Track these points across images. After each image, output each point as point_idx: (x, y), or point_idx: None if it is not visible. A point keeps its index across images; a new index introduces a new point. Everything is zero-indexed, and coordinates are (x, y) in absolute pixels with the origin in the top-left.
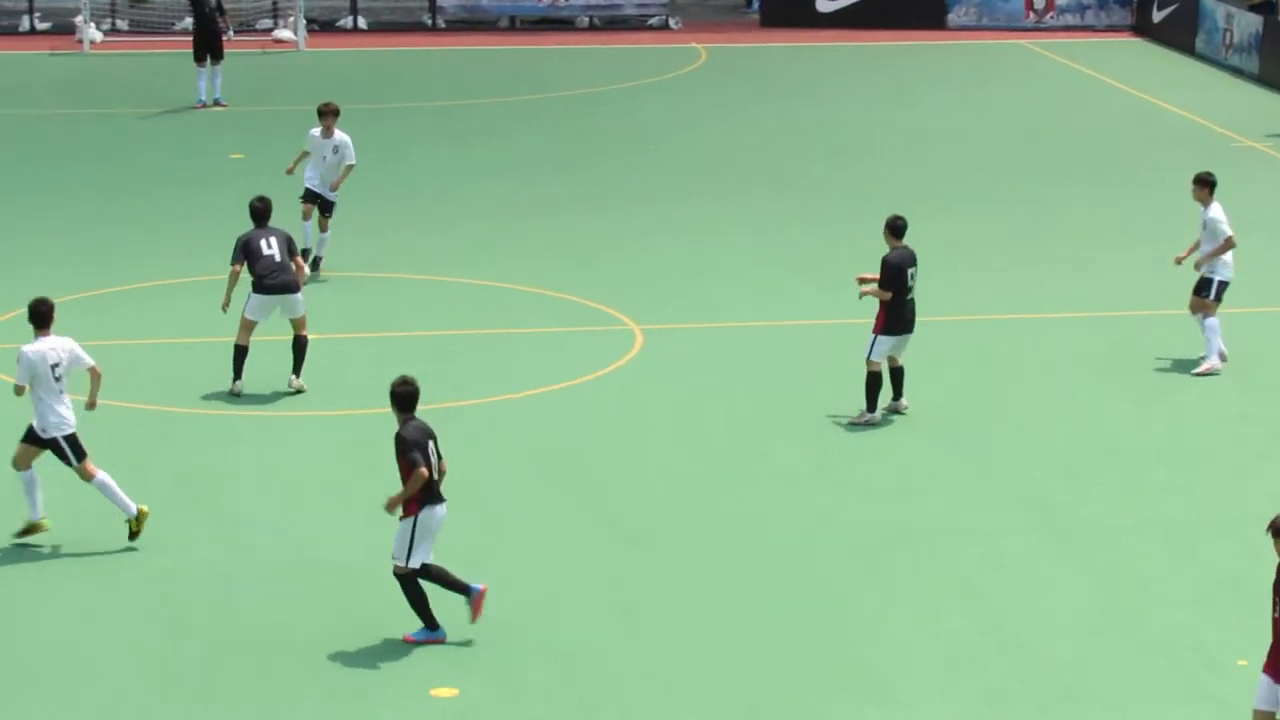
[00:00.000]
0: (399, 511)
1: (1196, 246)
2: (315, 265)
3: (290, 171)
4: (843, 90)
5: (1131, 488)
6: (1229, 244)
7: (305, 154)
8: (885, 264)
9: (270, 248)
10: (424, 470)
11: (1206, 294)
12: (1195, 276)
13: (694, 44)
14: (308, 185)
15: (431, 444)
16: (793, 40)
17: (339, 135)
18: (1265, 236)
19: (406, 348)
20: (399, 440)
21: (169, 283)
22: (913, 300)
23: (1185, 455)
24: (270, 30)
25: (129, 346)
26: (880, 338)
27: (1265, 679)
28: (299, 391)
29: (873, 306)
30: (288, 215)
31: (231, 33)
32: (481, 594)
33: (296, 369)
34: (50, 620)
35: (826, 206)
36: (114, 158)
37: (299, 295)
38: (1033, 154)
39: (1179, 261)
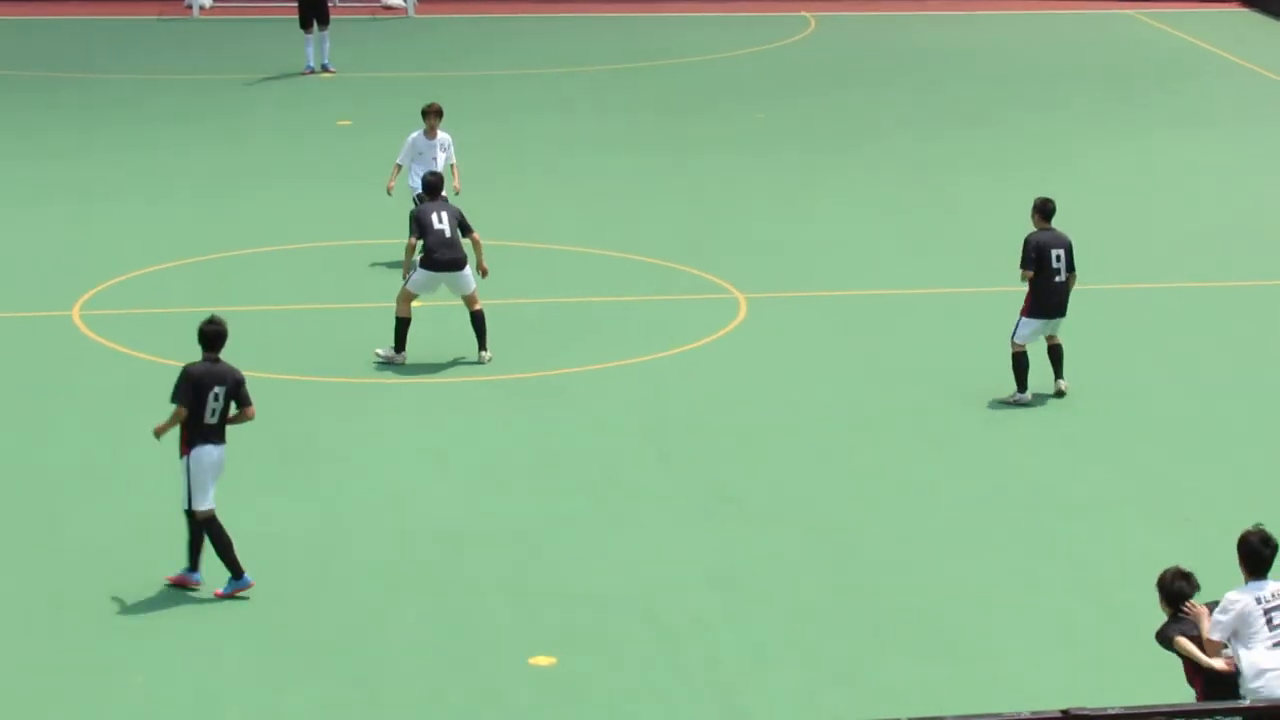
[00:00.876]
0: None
1: None
2: None
3: (390, 191)
4: (948, 59)
5: (1232, 462)
6: None
7: (398, 168)
8: (1025, 244)
9: (441, 222)
10: (181, 409)
11: None
12: None
13: (803, 12)
14: (418, 192)
15: (220, 388)
16: (900, 9)
17: (442, 135)
18: None
19: (512, 315)
20: (179, 375)
21: (275, 249)
22: (1061, 283)
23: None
24: None
25: (228, 313)
26: (1025, 319)
27: None
28: (488, 361)
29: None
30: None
31: None
32: (237, 589)
33: (482, 343)
34: (148, 588)
35: (933, 176)
36: (221, 124)
37: (465, 272)
38: (1141, 120)
39: None
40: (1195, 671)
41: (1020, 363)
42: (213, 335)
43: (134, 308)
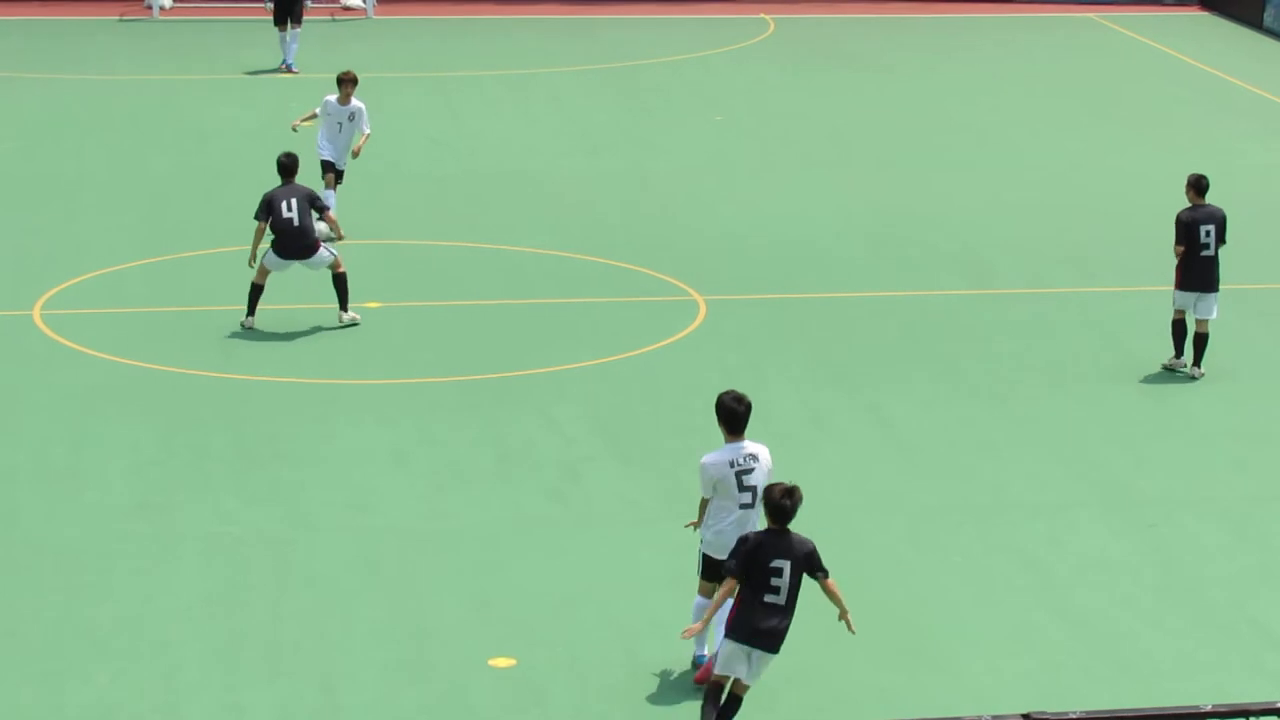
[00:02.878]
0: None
1: None
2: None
3: (295, 129)
4: (910, 62)
5: (1190, 461)
6: None
7: (313, 115)
8: (1176, 220)
9: (290, 210)
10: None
11: None
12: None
13: (763, 14)
14: (322, 156)
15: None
16: (860, 11)
17: (355, 103)
18: None
19: (472, 317)
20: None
21: (235, 249)
22: (1210, 258)
23: (1245, 430)
24: None
25: (188, 313)
26: (1177, 292)
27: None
28: (353, 324)
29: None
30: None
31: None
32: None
33: (343, 304)
34: (112, 588)
35: (894, 178)
36: (181, 124)
37: (319, 254)
38: (1099, 126)
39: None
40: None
41: (1178, 330)
42: (288, 164)
43: (94, 307)
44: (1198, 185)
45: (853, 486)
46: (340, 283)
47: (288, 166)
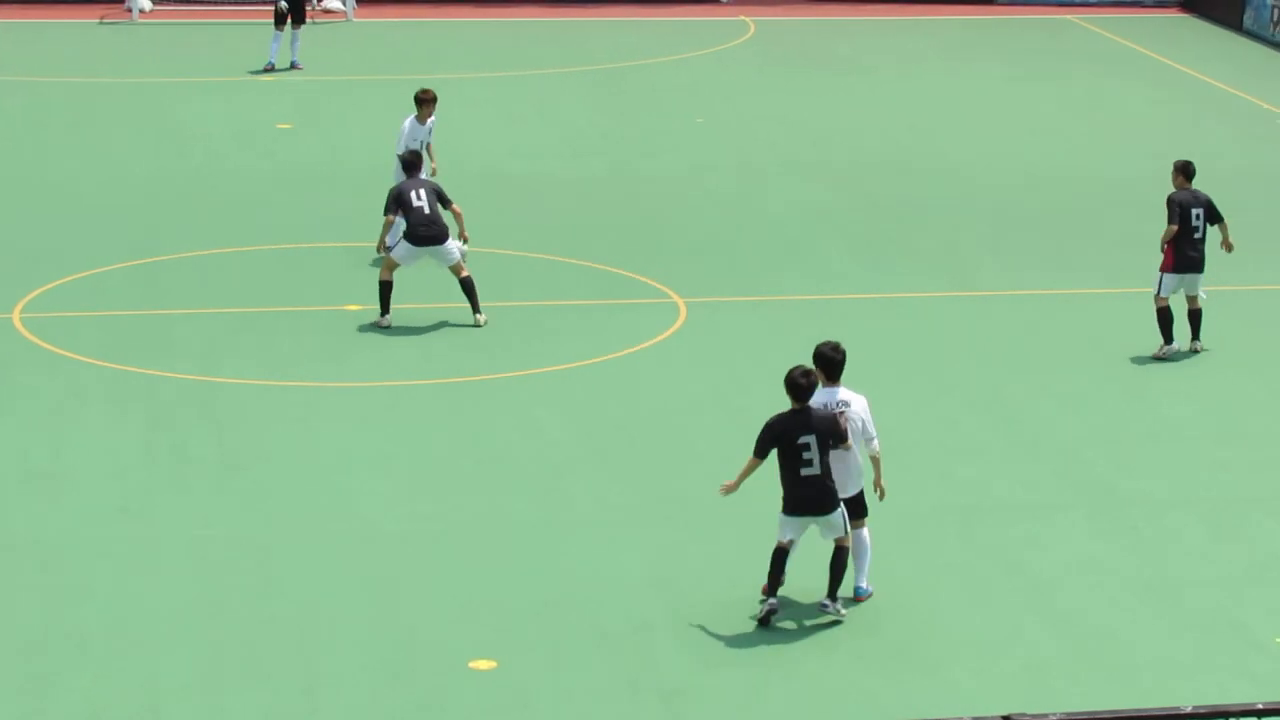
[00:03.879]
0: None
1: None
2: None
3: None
4: (890, 64)
5: (1173, 462)
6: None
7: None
8: (1170, 201)
9: (420, 199)
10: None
11: None
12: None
13: (743, 16)
14: None
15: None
16: (841, 14)
17: (434, 122)
18: None
19: (453, 320)
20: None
21: (217, 252)
22: (1199, 240)
23: (1227, 430)
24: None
25: (170, 316)
26: (1166, 276)
27: None
28: (481, 325)
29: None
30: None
31: (316, 2)
32: None
33: (475, 308)
34: (94, 591)
35: (871, 181)
36: (162, 126)
37: (448, 244)
38: (1081, 130)
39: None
40: None
41: (1164, 317)
42: (412, 160)
43: (75, 310)
44: (1185, 170)
45: None
46: (467, 287)
47: (412, 162)
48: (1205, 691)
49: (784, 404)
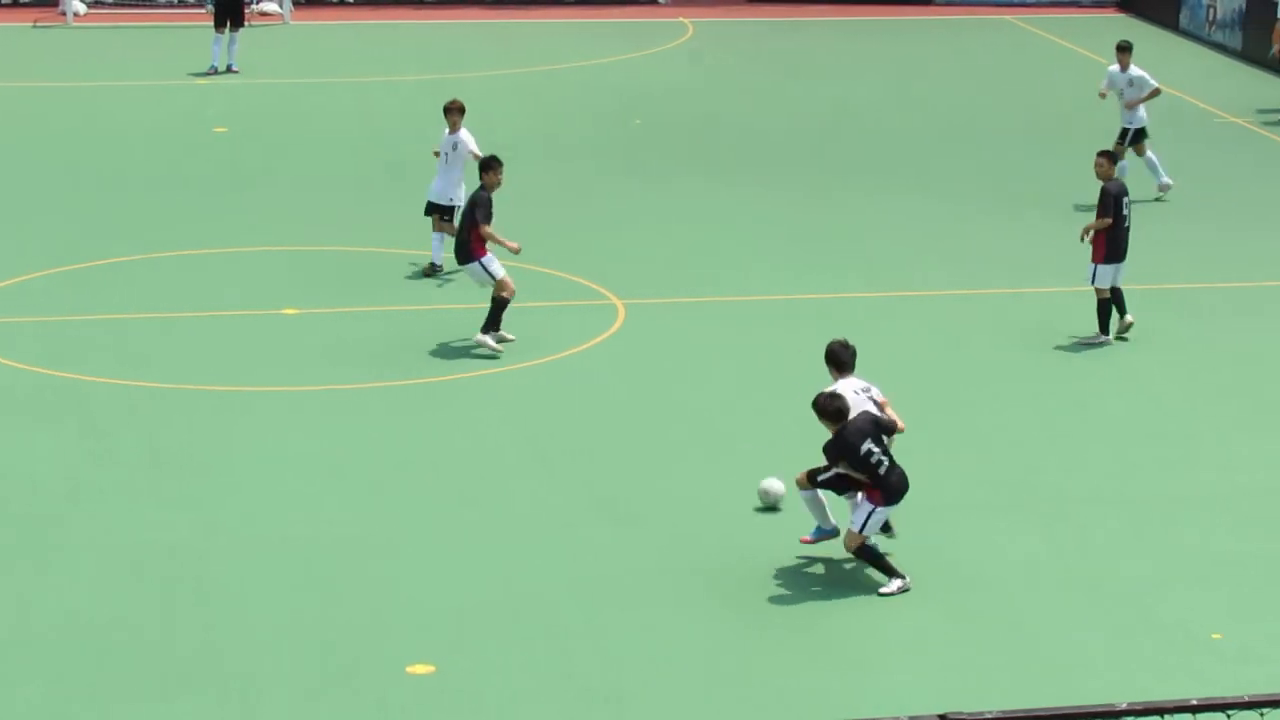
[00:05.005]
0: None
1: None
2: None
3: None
4: (829, 64)
5: (1110, 461)
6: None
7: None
8: (1105, 193)
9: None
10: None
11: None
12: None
13: (682, 18)
14: (428, 199)
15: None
16: (779, 15)
17: (461, 132)
18: (1246, 213)
19: (392, 323)
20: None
21: (154, 256)
22: (1128, 229)
23: (1164, 428)
24: (257, 2)
25: (104, 321)
26: (1103, 266)
27: None
28: (480, 345)
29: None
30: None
31: (252, 6)
32: None
33: (483, 326)
34: (24, 598)
35: (810, 180)
36: (98, 131)
37: (469, 266)
38: (1016, 129)
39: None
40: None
41: (1105, 308)
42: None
43: (7, 316)
44: (1114, 157)
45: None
46: (493, 304)
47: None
48: (1140, 688)
49: (719, 406)
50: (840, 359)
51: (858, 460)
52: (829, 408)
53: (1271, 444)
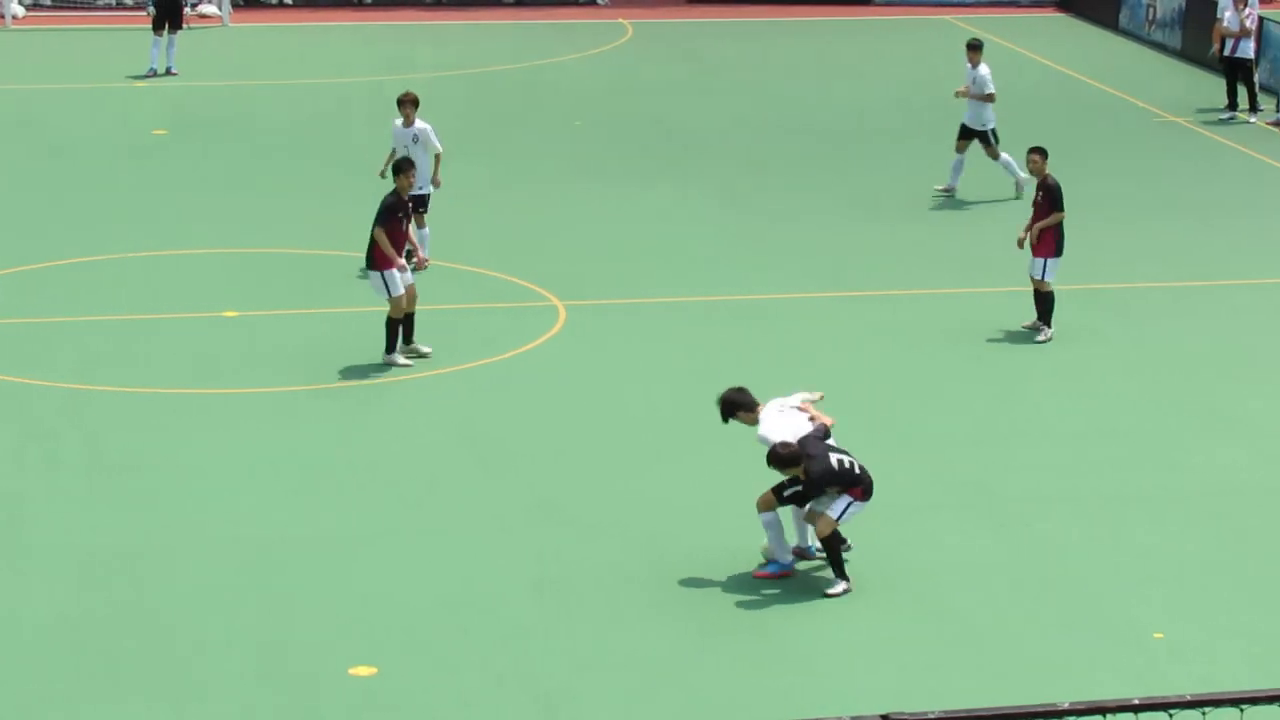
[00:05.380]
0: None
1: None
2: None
3: (382, 174)
4: (767, 66)
5: (1050, 461)
6: (991, 97)
7: (393, 152)
8: (1054, 188)
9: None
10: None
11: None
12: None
13: (621, 19)
14: None
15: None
16: (719, 16)
17: (419, 124)
18: (1186, 215)
19: (333, 325)
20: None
21: (93, 259)
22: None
23: (1103, 429)
24: (195, 4)
25: (42, 325)
26: (1052, 261)
27: None
28: (390, 364)
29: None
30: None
31: (190, 8)
32: None
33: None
34: None
35: (748, 180)
36: (37, 133)
37: (369, 275)
38: (954, 128)
39: (1020, 244)
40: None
41: (1049, 301)
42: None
43: None
44: (1045, 154)
45: (716, 489)
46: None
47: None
48: (1083, 688)
49: (660, 408)
50: (742, 400)
51: (837, 477)
52: (786, 455)
53: (1214, 445)
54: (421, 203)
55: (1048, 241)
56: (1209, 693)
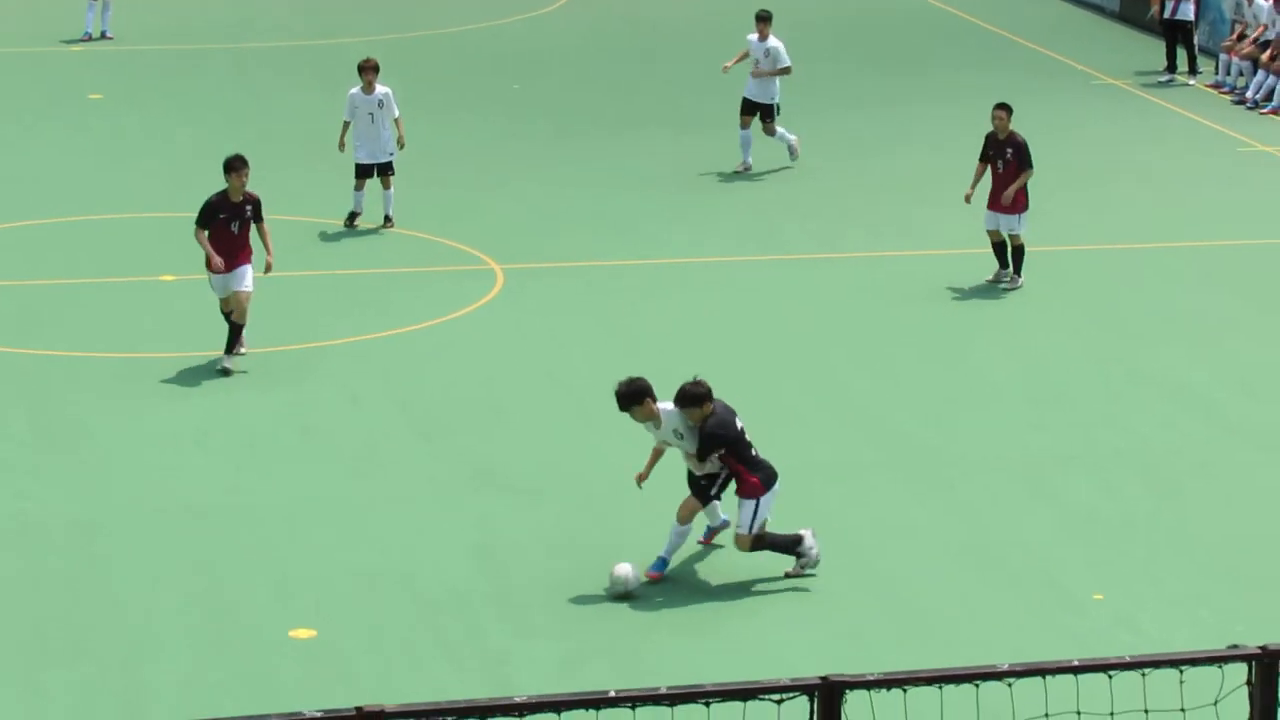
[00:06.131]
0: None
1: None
2: (386, 221)
3: (341, 147)
4: (702, 26)
5: (988, 424)
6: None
7: (347, 124)
8: (1023, 145)
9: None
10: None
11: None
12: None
13: None
14: (358, 161)
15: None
16: None
17: (380, 89)
18: (1126, 176)
19: (269, 289)
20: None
21: (25, 224)
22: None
23: (1042, 391)
24: None
25: None
26: (1025, 214)
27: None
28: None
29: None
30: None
31: None
32: None
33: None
34: None
35: (687, 144)
36: None
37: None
38: (887, 89)
39: (968, 199)
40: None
41: (1020, 253)
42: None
43: None
44: (1009, 110)
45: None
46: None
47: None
48: (1023, 649)
49: (597, 372)
50: (638, 388)
51: (737, 440)
52: (694, 392)
53: (1153, 406)
54: (388, 168)
55: (1021, 197)
56: (1149, 654)
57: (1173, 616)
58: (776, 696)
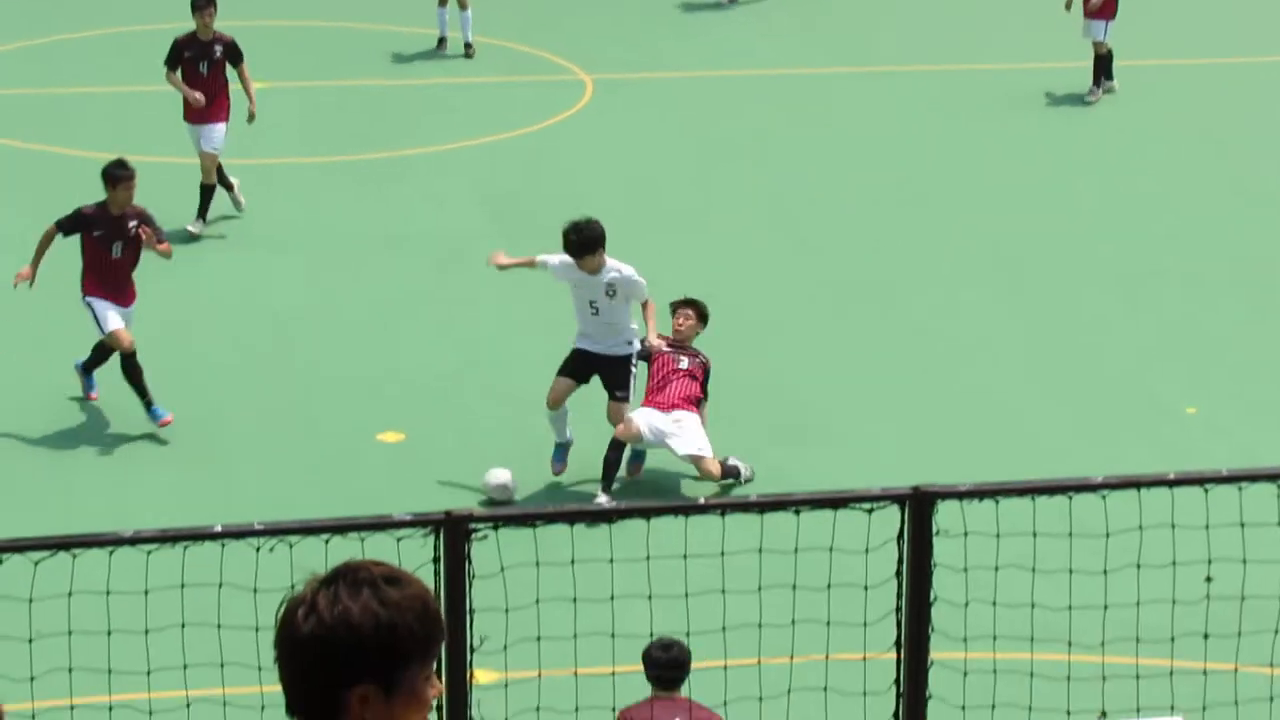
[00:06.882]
0: None
1: None
2: (467, 49)
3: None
4: None
5: (1074, 233)
6: None
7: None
8: None
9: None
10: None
11: None
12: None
13: None
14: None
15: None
16: None
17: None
18: None
19: (357, 96)
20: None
21: None
22: None
23: (1130, 204)
24: None
25: None
26: (1111, 23)
27: None
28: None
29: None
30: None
31: None
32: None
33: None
34: None
35: None
36: None
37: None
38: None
39: (1067, 6)
40: None
41: (1103, 64)
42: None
43: None
44: None
45: (741, 267)
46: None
47: None
48: (1116, 461)
49: (685, 187)
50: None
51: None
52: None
53: (1244, 221)
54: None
55: (1109, 4)
56: (1246, 468)
57: (1269, 429)
58: (867, 506)
